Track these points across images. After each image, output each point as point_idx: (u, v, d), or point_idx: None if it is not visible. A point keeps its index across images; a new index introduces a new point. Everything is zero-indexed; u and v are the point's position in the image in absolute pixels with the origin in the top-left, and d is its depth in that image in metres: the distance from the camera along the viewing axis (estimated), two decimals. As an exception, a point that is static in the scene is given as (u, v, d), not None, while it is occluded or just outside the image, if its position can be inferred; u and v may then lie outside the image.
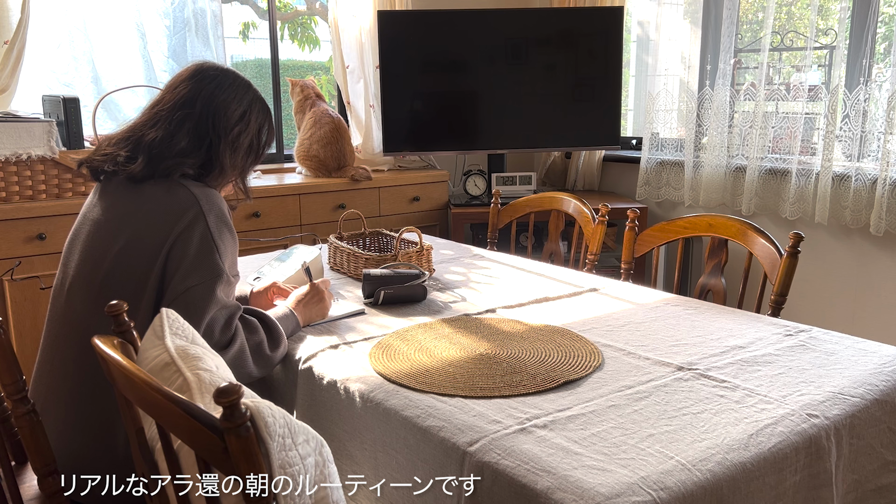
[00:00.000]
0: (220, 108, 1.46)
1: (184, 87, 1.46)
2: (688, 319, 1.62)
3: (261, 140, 1.55)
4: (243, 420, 0.76)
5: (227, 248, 1.40)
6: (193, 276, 1.34)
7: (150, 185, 1.40)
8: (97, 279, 1.36)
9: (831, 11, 3.03)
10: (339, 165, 3.28)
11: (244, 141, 1.50)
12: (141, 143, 1.42)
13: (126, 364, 0.92)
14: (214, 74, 1.49)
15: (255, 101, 1.53)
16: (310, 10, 4.09)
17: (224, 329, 1.38)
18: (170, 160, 1.40)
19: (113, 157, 1.41)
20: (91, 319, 1.36)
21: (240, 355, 1.39)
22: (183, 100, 1.45)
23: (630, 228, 2.15)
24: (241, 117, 1.48)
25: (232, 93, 1.48)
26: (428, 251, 1.98)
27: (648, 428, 1.11)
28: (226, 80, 1.49)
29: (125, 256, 1.36)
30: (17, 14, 2.62)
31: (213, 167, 1.46)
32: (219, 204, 1.42)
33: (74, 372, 1.37)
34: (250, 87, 1.53)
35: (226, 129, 1.46)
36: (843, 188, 2.85)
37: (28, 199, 2.51)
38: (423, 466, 1.14)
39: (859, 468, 1.25)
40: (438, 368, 1.34)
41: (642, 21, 3.81)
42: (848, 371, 1.33)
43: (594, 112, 3.48)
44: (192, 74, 1.48)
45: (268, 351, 1.44)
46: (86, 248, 1.41)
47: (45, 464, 1.20)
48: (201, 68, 1.50)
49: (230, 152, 1.47)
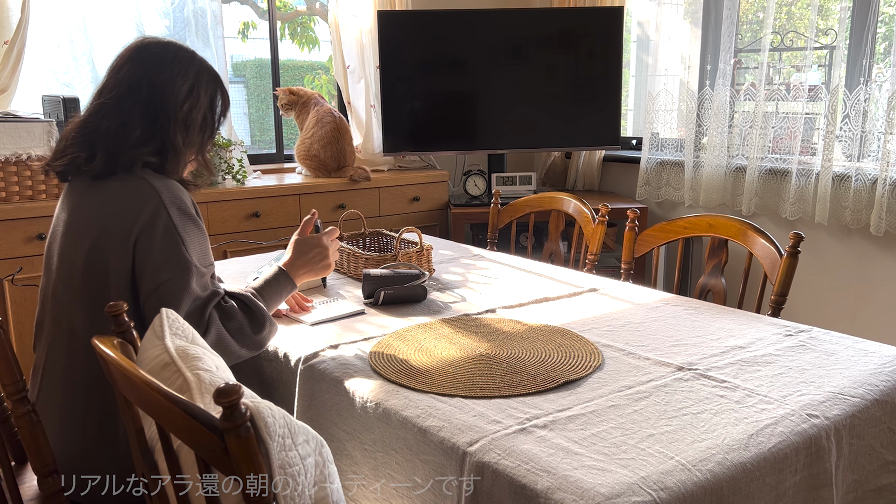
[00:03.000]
0: (166, 87, 1.40)
1: (127, 70, 1.41)
2: (688, 319, 1.62)
3: (214, 112, 1.49)
4: (243, 420, 0.76)
5: (193, 239, 1.37)
6: (163, 272, 1.32)
7: (113, 180, 1.37)
8: (76, 280, 1.36)
9: (831, 11, 3.03)
10: (340, 166, 3.28)
11: (196, 116, 1.44)
12: (96, 138, 1.38)
13: (126, 364, 0.92)
14: (156, 51, 1.43)
15: (202, 73, 1.46)
16: (310, 10, 4.09)
17: (197, 321, 1.35)
18: (128, 152, 1.37)
19: (73, 159, 1.38)
20: (75, 320, 1.36)
21: (219, 342, 1.37)
22: (128, 84, 1.40)
23: (630, 228, 2.15)
24: (189, 92, 1.43)
25: (176, 68, 1.42)
26: (428, 251, 1.98)
27: (648, 428, 1.11)
28: (168, 55, 1.43)
29: (96, 255, 1.34)
30: (17, 14, 2.62)
31: (169, 150, 1.41)
32: (180, 195, 1.39)
33: (67, 373, 1.37)
34: (195, 57, 1.46)
35: (175, 108, 1.41)
36: (844, 188, 2.85)
37: (28, 199, 2.51)
38: (423, 466, 1.14)
39: (859, 468, 1.25)
40: (438, 368, 1.34)
41: (642, 21, 3.81)
42: (848, 371, 1.33)
43: (594, 112, 3.48)
44: (133, 54, 1.43)
45: (251, 333, 1.42)
46: (62, 250, 1.40)
47: (44, 464, 1.20)
48: (142, 46, 1.44)
49: (183, 131, 1.43)
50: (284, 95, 3.30)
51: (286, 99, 3.29)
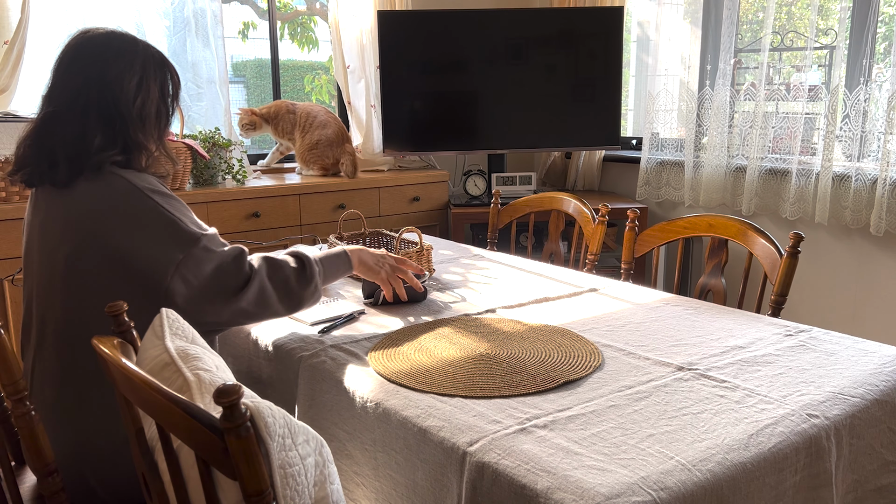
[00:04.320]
0: (115, 87, 1.38)
1: (73, 72, 1.38)
2: (688, 319, 1.62)
3: (167, 99, 1.46)
4: (243, 420, 0.76)
5: (186, 216, 1.38)
6: (175, 252, 1.33)
7: (82, 181, 1.36)
8: (56, 285, 1.35)
9: (831, 11, 3.03)
10: (336, 162, 3.30)
11: (150, 109, 1.42)
12: (55, 147, 1.35)
13: (126, 364, 0.92)
14: (98, 49, 1.39)
15: (147, 61, 1.42)
16: (310, 10, 4.09)
17: (236, 271, 1.38)
18: (93, 158, 1.36)
19: (35, 169, 1.37)
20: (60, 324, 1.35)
21: (261, 294, 1.40)
22: (77, 89, 1.37)
23: (630, 228, 2.15)
24: (139, 87, 1.40)
25: (121, 63, 1.39)
26: (428, 251, 1.98)
27: (648, 428, 1.11)
28: (111, 52, 1.39)
29: (79, 259, 1.33)
30: (17, 14, 2.62)
31: (132, 147, 1.40)
32: (156, 185, 1.39)
33: (57, 375, 1.36)
34: (137, 46, 1.42)
35: (128, 107, 1.39)
36: (844, 188, 2.85)
37: (28, 199, 2.51)
38: (423, 466, 1.14)
39: (859, 468, 1.25)
40: (438, 368, 1.34)
41: (642, 21, 3.81)
42: (848, 371, 1.33)
43: (594, 112, 3.48)
44: (76, 53, 1.39)
45: (296, 287, 1.44)
46: (41, 256, 1.38)
47: (45, 464, 1.20)
48: (83, 43, 1.40)
49: (141, 127, 1.41)
50: (246, 115, 3.26)
51: (248, 119, 3.25)
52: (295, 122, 3.29)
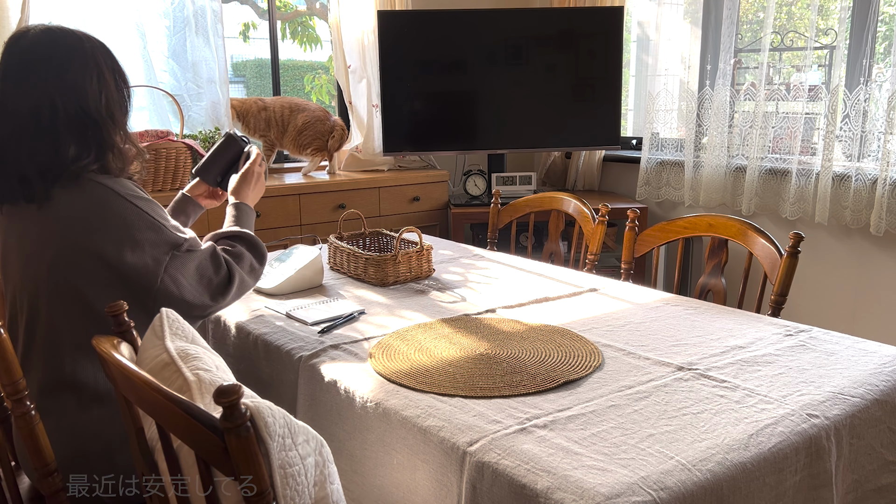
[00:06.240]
0: (78, 91, 1.33)
1: (27, 85, 1.31)
2: (688, 319, 1.62)
3: (120, 87, 1.41)
4: (243, 420, 0.76)
5: (167, 220, 1.40)
6: (162, 255, 1.36)
7: (59, 191, 1.32)
8: (42, 296, 1.34)
9: (831, 11, 3.03)
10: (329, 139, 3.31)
11: (113, 104, 1.38)
12: (22, 162, 1.31)
13: (126, 364, 0.92)
14: (46, 54, 1.32)
15: (96, 53, 1.37)
16: (310, 10, 4.09)
17: (215, 269, 1.44)
18: (69, 168, 1.32)
19: (9, 186, 1.33)
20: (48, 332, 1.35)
21: (241, 285, 1.49)
22: (38, 101, 1.31)
23: (630, 228, 2.15)
24: (99, 83, 1.35)
25: (76, 63, 1.33)
26: (428, 251, 1.98)
27: (648, 428, 1.11)
28: (60, 52, 1.33)
29: (63, 267, 1.32)
30: (17, 14, 2.62)
31: (107, 149, 1.37)
32: (135, 190, 1.38)
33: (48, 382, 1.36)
34: (82, 40, 1.36)
35: (97, 108, 1.35)
36: (844, 188, 2.85)
37: None
38: (423, 466, 1.14)
39: (859, 468, 1.25)
40: (438, 368, 1.34)
41: (642, 21, 3.81)
42: (848, 371, 1.33)
43: (594, 112, 3.48)
44: (25, 64, 1.32)
45: (258, 266, 1.55)
46: (22, 273, 1.37)
47: (45, 464, 1.20)
48: (25, 49, 1.33)
49: (111, 124, 1.38)
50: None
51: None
52: (269, 118, 3.27)
